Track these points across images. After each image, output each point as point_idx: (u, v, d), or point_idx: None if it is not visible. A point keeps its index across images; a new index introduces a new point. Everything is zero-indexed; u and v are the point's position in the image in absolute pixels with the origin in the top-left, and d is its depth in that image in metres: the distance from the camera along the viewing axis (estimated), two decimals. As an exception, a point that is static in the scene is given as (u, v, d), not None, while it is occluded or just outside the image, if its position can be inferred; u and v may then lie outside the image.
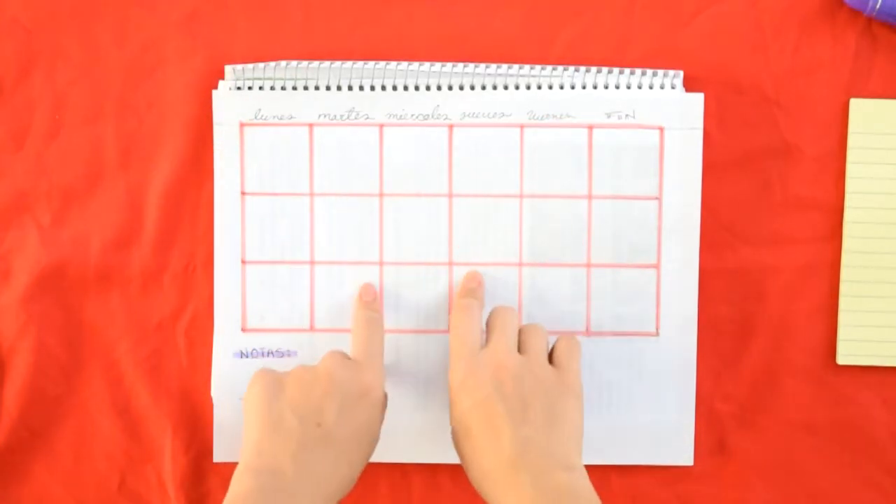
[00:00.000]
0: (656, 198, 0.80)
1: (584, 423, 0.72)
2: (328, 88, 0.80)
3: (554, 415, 0.70)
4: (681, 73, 0.80)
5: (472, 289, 0.78)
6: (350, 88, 0.80)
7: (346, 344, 0.79)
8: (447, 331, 0.80)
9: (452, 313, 0.77)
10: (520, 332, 0.75)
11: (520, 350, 0.74)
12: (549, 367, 0.73)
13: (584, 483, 0.68)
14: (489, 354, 0.73)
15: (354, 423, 0.71)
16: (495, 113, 0.80)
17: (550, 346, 0.76)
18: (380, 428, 0.74)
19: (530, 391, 0.71)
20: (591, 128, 0.80)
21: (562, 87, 0.80)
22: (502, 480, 0.68)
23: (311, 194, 0.80)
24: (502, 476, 0.68)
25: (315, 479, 0.69)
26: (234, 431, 0.81)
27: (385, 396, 0.75)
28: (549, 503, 0.66)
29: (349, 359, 0.75)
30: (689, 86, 0.80)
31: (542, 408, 0.70)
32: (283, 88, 0.80)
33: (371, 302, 0.79)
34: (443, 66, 0.80)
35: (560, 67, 0.80)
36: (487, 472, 0.69)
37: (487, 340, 0.74)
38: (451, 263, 0.81)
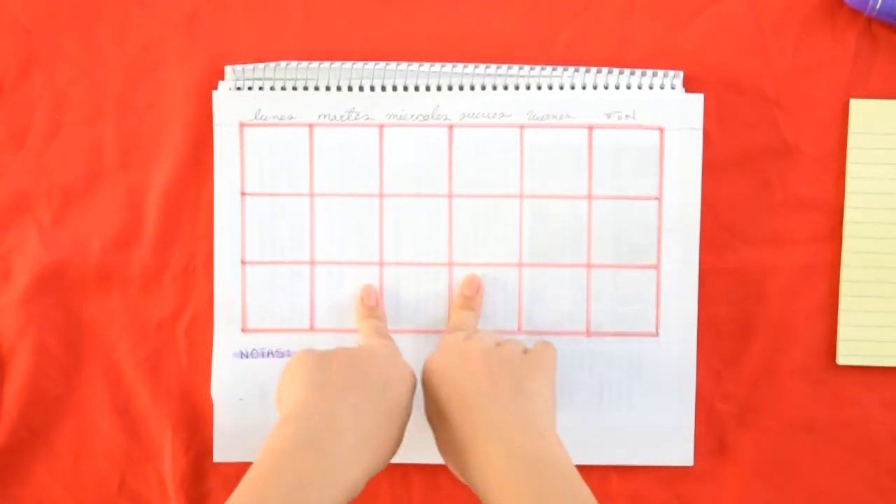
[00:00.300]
0: (656, 198, 0.80)
1: (556, 399, 0.72)
2: (328, 88, 0.80)
3: (522, 389, 0.70)
4: (681, 73, 0.80)
5: (470, 298, 0.79)
6: (350, 88, 0.80)
7: (346, 343, 0.79)
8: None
9: (448, 324, 0.77)
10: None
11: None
12: (521, 353, 0.73)
13: (558, 450, 0.67)
14: (460, 344, 0.73)
15: (396, 398, 0.69)
16: (495, 113, 0.80)
17: None
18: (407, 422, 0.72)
19: (498, 369, 0.70)
20: (591, 128, 0.80)
21: (562, 88, 0.80)
22: (474, 455, 0.67)
23: (311, 194, 0.80)
24: (474, 450, 0.67)
25: (366, 434, 0.66)
26: (234, 431, 0.81)
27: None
28: (522, 471, 0.65)
29: None
30: (689, 86, 0.80)
31: (511, 383, 0.70)
32: (283, 88, 0.80)
33: (374, 308, 0.79)
34: (443, 66, 0.80)
35: (560, 67, 0.80)
36: (461, 450, 0.68)
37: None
38: (451, 263, 0.81)
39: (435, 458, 0.81)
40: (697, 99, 0.79)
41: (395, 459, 0.81)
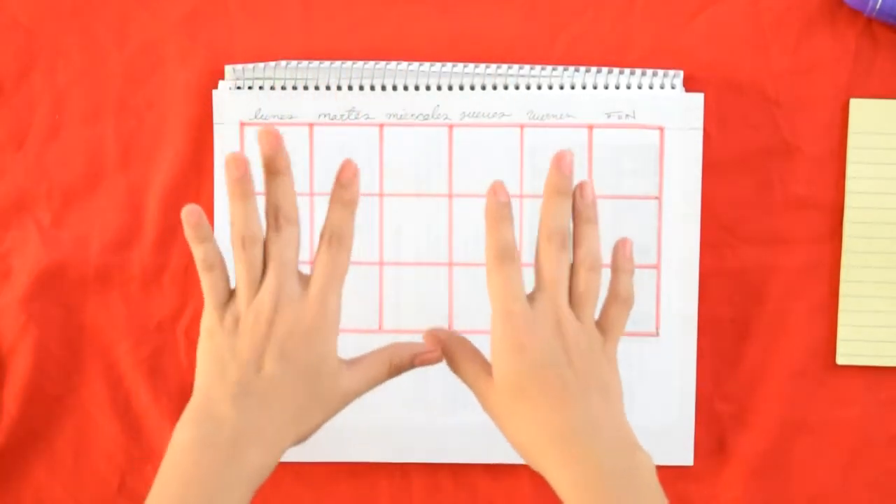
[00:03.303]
0: (656, 198, 0.80)
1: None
2: (328, 88, 0.80)
3: (607, 388, 0.66)
4: (681, 73, 0.80)
5: (507, 241, 0.67)
6: (350, 88, 0.80)
7: (347, 344, 0.79)
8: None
9: (489, 272, 0.66)
10: (576, 268, 0.67)
11: (574, 294, 0.66)
12: (598, 332, 0.67)
13: (649, 466, 0.65)
14: (546, 310, 0.65)
15: (299, 367, 0.65)
16: (495, 113, 0.80)
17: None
18: (337, 364, 0.67)
19: (587, 359, 0.65)
20: (591, 128, 0.80)
21: (562, 87, 0.80)
22: (561, 454, 0.63)
23: (311, 194, 0.80)
24: (541, 448, 0.64)
25: (257, 427, 0.65)
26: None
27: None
28: (615, 486, 0.63)
29: (298, 286, 0.66)
30: (689, 86, 0.80)
31: (597, 380, 0.65)
32: (283, 88, 0.80)
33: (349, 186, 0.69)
34: (443, 66, 0.80)
35: (560, 67, 0.80)
36: (544, 442, 0.64)
37: (539, 287, 0.66)
38: (451, 263, 0.81)
39: (434, 457, 0.81)
40: (697, 99, 0.79)
41: (396, 459, 0.82)
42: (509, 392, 0.65)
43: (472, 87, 0.80)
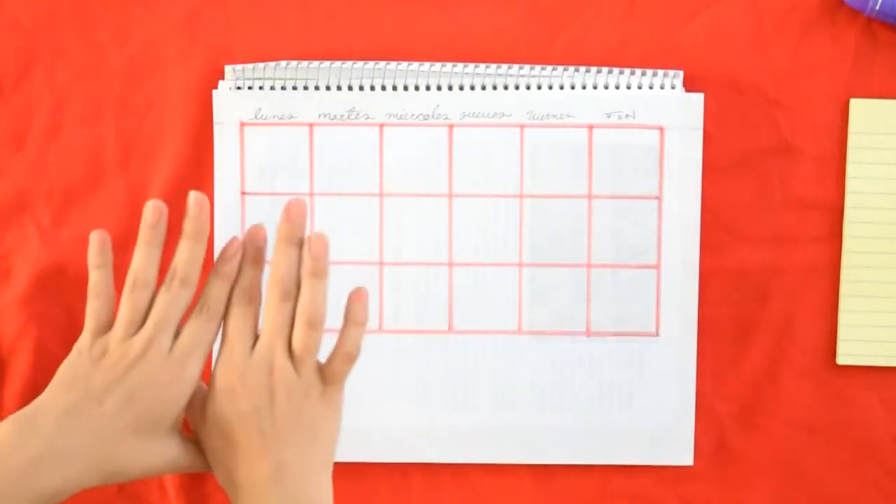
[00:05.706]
0: (656, 198, 0.80)
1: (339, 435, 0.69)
2: (328, 88, 0.80)
3: (316, 436, 0.67)
4: (681, 73, 0.80)
5: (249, 281, 0.68)
6: (350, 88, 0.80)
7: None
8: (448, 331, 0.80)
9: (229, 306, 0.68)
10: (296, 320, 0.67)
11: (293, 347, 0.67)
12: (320, 381, 0.67)
13: None
14: (263, 358, 0.66)
15: (137, 417, 0.66)
16: (495, 113, 0.80)
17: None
18: (171, 427, 0.68)
19: (297, 409, 0.66)
20: (591, 128, 0.80)
21: (562, 87, 0.80)
22: (251, 497, 0.66)
23: (311, 194, 0.81)
24: (252, 492, 0.66)
25: (65, 452, 0.66)
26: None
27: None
28: None
29: (171, 343, 0.67)
30: (689, 86, 0.80)
31: (306, 428, 0.66)
32: (283, 88, 0.80)
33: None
34: (443, 66, 0.80)
35: (560, 67, 0.80)
36: (240, 484, 0.67)
37: (261, 334, 0.67)
38: (451, 263, 0.81)
39: (434, 457, 0.81)
40: (697, 99, 0.79)
41: (396, 459, 0.82)
42: (219, 433, 0.67)
43: (472, 87, 0.80)
